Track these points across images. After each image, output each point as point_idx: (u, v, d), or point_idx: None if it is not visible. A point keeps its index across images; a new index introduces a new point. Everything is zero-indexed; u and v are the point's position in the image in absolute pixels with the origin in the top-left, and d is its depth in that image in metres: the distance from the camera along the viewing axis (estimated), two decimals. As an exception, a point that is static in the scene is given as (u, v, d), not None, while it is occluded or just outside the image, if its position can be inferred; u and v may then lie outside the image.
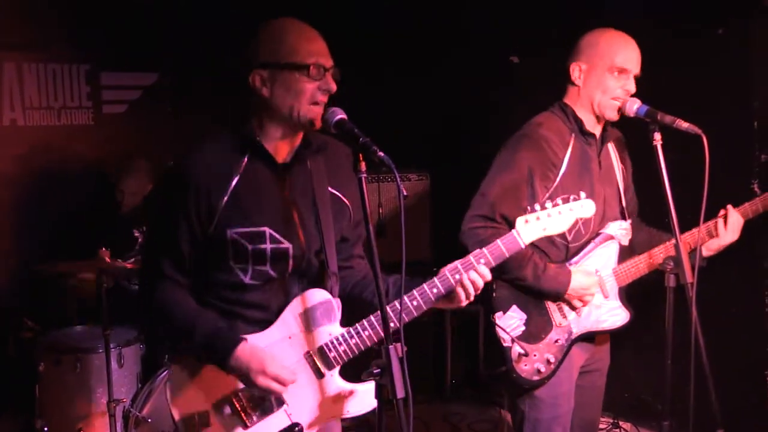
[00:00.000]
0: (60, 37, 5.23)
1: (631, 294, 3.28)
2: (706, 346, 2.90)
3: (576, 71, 3.16)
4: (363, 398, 2.52)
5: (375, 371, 2.27)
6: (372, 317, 2.48)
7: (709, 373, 2.92)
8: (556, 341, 3.16)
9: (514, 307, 3.16)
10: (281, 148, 2.48)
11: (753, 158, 4.28)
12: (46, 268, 4.59)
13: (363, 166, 2.21)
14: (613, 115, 3.14)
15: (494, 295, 3.17)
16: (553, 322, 3.17)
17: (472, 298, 2.50)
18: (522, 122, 3.26)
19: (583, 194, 2.62)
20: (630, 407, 4.92)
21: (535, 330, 3.16)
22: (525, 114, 3.28)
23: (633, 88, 3.11)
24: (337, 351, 2.47)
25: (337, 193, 2.57)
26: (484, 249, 2.54)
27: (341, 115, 2.32)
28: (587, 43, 3.17)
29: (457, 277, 2.47)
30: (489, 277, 2.50)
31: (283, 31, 2.44)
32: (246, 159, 2.43)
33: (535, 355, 3.14)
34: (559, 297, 3.13)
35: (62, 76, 5.29)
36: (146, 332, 4.46)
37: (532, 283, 3.09)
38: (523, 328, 3.15)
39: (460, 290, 2.48)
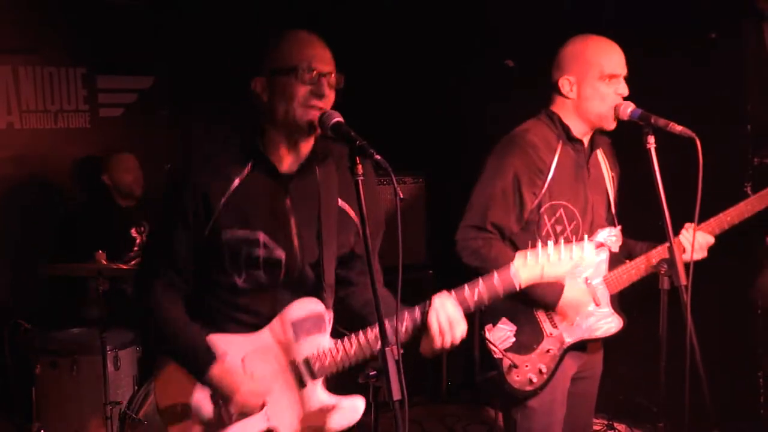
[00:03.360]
0: (56, 41, 5.25)
1: (624, 296, 3.29)
2: (699, 347, 2.91)
3: (566, 85, 3.13)
4: (344, 412, 2.52)
5: (371, 373, 2.29)
6: (361, 333, 2.47)
7: (703, 374, 2.93)
8: (548, 351, 3.15)
9: (504, 319, 3.15)
10: (286, 157, 2.47)
11: (746, 161, 4.30)
12: (43, 270, 4.59)
13: (360, 168, 2.22)
14: (611, 125, 3.13)
15: (482, 308, 3.17)
16: (544, 332, 3.15)
17: (451, 341, 2.45)
18: (518, 124, 3.27)
19: (586, 237, 2.56)
20: (625, 409, 4.93)
21: (526, 341, 3.14)
22: (521, 116, 3.29)
23: (626, 91, 3.11)
24: (321, 363, 2.47)
25: (346, 206, 2.56)
26: (480, 280, 2.50)
27: (338, 118, 2.33)
28: (571, 55, 3.14)
29: (433, 314, 2.43)
30: (461, 320, 2.46)
31: (282, 39, 2.44)
32: (249, 166, 2.44)
33: (526, 366, 3.13)
34: (550, 307, 3.12)
35: (59, 79, 5.30)
36: (143, 332, 4.47)
37: (525, 289, 3.08)
38: (513, 339, 3.14)
39: (436, 332, 2.43)
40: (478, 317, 3.26)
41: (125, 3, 5.35)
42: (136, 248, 4.87)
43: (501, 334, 3.15)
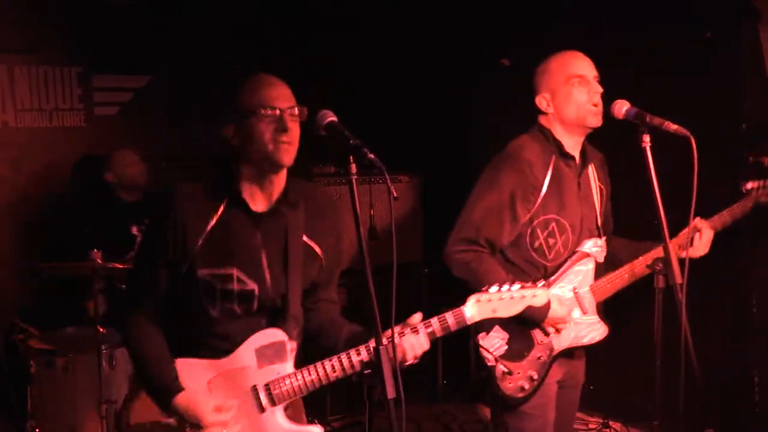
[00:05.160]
0: (52, 40, 5.25)
1: (620, 294, 3.30)
2: (695, 346, 2.92)
3: (543, 102, 3.22)
4: None
5: (366, 372, 2.29)
6: (319, 363, 2.59)
7: (698, 373, 2.93)
8: (539, 358, 3.20)
9: (497, 327, 3.19)
10: (258, 196, 2.63)
11: (741, 160, 4.31)
12: (38, 269, 4.58)
13: (354, 168, 2.23)
14: (596, 121, 3.17)
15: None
16: (535, 340, 3.21)
17: (411, 361, 2.58)
18: (513, 124, 3.28)
19: (539, 284, 2.73)
20: (620, 407, 4.94)
21: (518, 348, 3.19)
22: (519, 116, 3.30)
23: (599, 88, 3.16)
24: (280, 389, 2.59)
25: (311, 243, 2.71)
26: (434, 318, 2.64)
27: (331, 117, 2.34)
28: (540, 74, 3.25)
29: (402, 338, 2.56)
30: (427, 346, 2.61)
31: (246, 85, 2.61)
32: (223, 205, 2.60)
33: (518, 373, 3.18)
34: (536, 324, 3.16)
35: (54, 78, 5.30)
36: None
37: None
38: (506, 347, 3.19)
39: (399, 352, 2.52)
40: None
41: (121, 3, 5.35)
42: (136, 245, 4.83)
43: (494, 342, 3.21)
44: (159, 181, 5.16)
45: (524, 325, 3.18)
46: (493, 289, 2.67)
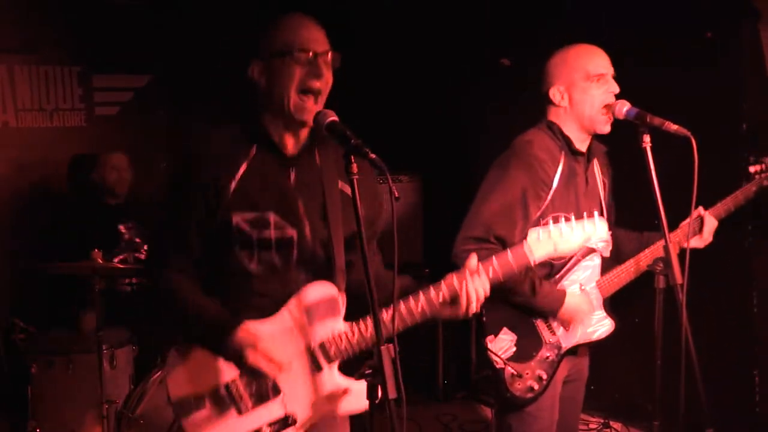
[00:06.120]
0: (52, 40, 5.26)
1: (620, 295, 3.30)
2: (695, 346, 2.92)
3: (557, 95, 3.15)
4: (357, 396, 2.51)
5: (367, 372, 2.29)
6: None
7: (699, 373, 2.94)
8: (547, 358, 3.16)
9: (504, 329, 3.16)
10: (288, 140, 2.50)
11: (742, 160, 4.31)
12: (38, 268, 4.59)
13: (355, 167, 2.22)
14: (605, 129, 3.14)
15: (484, 319, 3.17)
16: (543, 340, 3.17)
17: (474, 308, 2.51)
18: (516, 124, 3.27)
19: (596, 213, 2.65)
20: (620, 407, 4.94)
21: (527, 349, 3.16)
22: (519, 116, 3.29)
23: (616, 88, 3.13)
24: (338, 347, 2.47)
25: (347, 188, 2.50)
26: (493, 258, 2.56)
27: (333, 117, 2.33)
28: (556, 65, 3.17)
29: (464, 283, 2.50)
30: (488, 291, 2.52)
31: (279, 23, 2.49)
32: (254, 148, 2.47)
33: (527, 374, 3.14)
34: (551, 315, 3.13)
35: (54, 78, 5.31)
36: (140, 331, 4.48)
37: (528, 298, 3.07)
38: (514, 348, 3.16)
39: (464, 299, 2.50)
40: (475, 322, 3.27)
41: (121, 3, 5.36)
42: (122, 243, 4.83)
43: (502, 345, 3.16)
44: (158, 182, 5.16)
45: (532, 320, 3.15)
46: (550, 220, 2.57)
